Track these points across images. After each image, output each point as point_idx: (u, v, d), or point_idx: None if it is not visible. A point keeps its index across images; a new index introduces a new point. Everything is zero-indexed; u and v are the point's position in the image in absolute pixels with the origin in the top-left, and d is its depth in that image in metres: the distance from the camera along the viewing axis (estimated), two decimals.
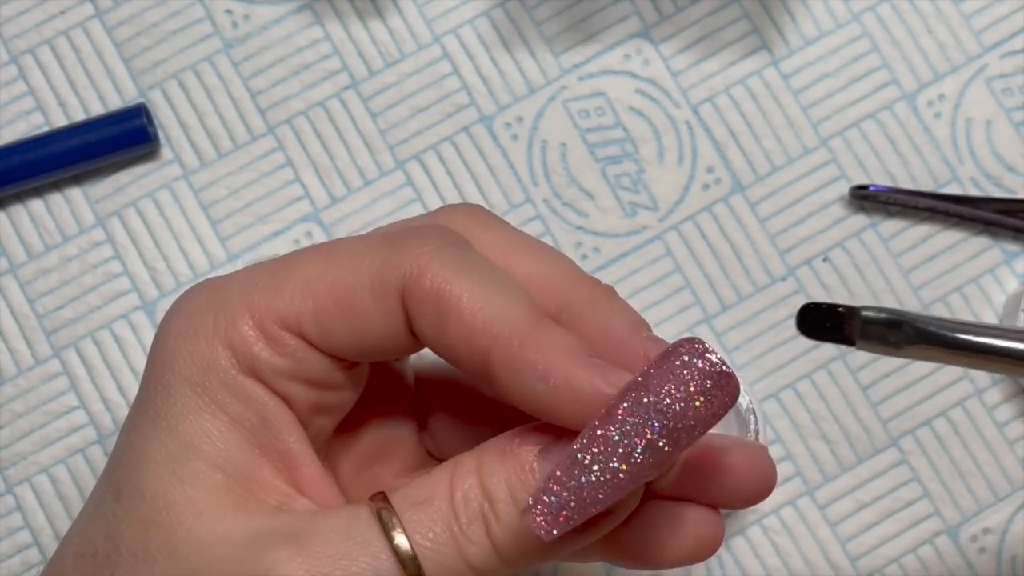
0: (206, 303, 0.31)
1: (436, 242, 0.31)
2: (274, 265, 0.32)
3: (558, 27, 0.49)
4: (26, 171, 0.47)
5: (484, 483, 0.30)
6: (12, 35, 0.49)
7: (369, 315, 0.31)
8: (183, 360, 0.31)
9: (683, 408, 0.28)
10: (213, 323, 0.31)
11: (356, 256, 0.31)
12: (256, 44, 0.49)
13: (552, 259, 0.33)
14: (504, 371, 0.29)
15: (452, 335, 0.30)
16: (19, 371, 0.47)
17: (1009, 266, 0.48)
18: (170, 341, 0.31)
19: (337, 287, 0.30)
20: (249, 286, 0.31)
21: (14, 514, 0.46)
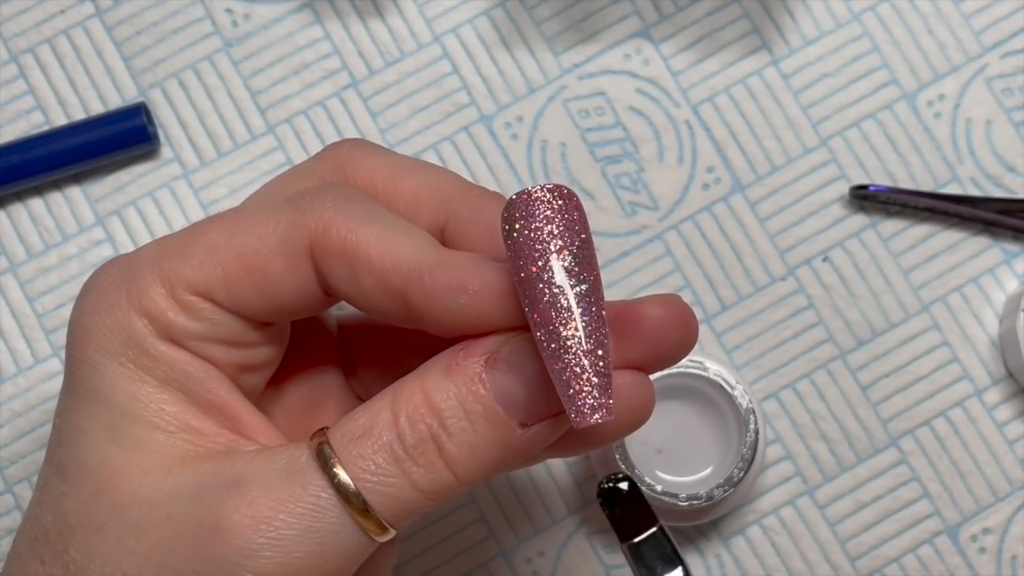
0: (117, 277, 0.32)
1: (336, 198, 0.31)
2: (181, 234, 0.32)
3: (558, 26, 0.49)
4: (26, 170, 0.47)
5: (432, 401, 0.29)
6: (12, 34, 0.49)
7: (279, 276, 0.31)
8: (103, 334, 0.31)
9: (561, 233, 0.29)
10: (127, 295, 0.31)
11: (261, 220, 0.31)
12: (256, 43, 0.49)
13: (436, 174, 0.34)
14: (423, 300, 0.30)
15: (366, 282, 0.31)
16: (18, 370, 0.47)
17: (1009, 266, 0.48)
18: (85, 318, 0.31)
19: (245, 251, 0.31)
20: (157, 256, 0.32)
21: (13, 513, 0.46)
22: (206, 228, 0.32)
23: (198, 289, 0.31)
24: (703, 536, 0.46)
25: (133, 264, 0.32)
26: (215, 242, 0.31)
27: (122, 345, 0.31)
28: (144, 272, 0.31)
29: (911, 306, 0.47)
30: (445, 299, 0.30)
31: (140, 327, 0.31)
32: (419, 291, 0.30)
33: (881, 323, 0.47)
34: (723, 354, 0.47)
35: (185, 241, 0.32)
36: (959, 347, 0.47)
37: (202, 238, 0.32)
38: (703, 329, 0.47)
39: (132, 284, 0.31)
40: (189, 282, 0.31)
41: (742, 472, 0.43)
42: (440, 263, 0.30)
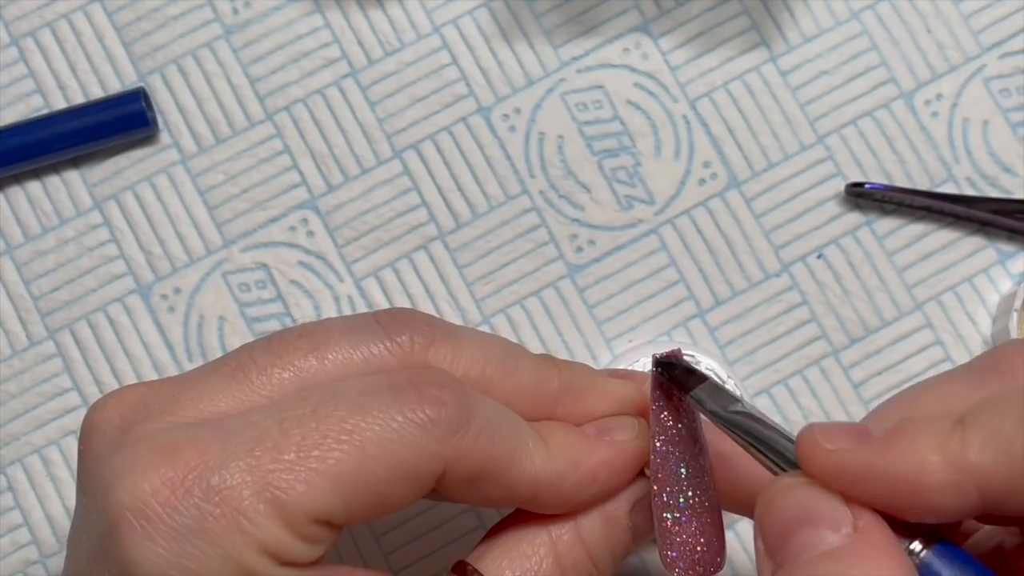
0: (214, 511, 0.29)
1: (458, 414, 0.31)
2: (286, 455, 0.29)
3: (558, 19, 0.49)
4: (24, 153, 0.48)
5: (591, 551, 0.34)
6: (13, 17, 0.49)
7: (403, 497, 0.31)
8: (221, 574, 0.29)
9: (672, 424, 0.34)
10: (241, 536, 0.28)
11: (389, 449, 0.30)
12: (256, 31, 0.49)
13: (525, 364, 0.35)
14: (559, 503, 0.33)
15: (494, 494, 0.32)
16: (13, 352, 0.47)
17: (1003, 266, 0.48)
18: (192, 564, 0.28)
19: (376, 485, 0.30)
20: (267, 485, 0.29)
21: (5, 494, 0.46)
22: (323, 451, 0.29)
23: (319, 518, 0.30)
24: None
25: (231, 490, 0.29)
26: (340, 475, 0.29)
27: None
28: (256, 506, 0.29)
29: (905, 304, 0.47)
30: (579, 495, 0.33)
31: (259, 563, 0.29)
32: (552, 494, 0.33)
33: (875, 321, 0.47)
34: (716, 349, 0.47)
35: (300, 466, 0.29)
36: (952, 346, 0.47)
37: (323, 467, 0.29)
38: (697, 323, 0.47)
39: (244, 521, 0.29)
40: (312, 515, 0.29)
41: None
42: (563, 463, 0.33)
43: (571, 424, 0.34)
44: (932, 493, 0.27)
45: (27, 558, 0.46)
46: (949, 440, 0.27)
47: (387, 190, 0.48)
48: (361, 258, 0.48)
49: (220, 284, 0.48)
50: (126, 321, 0.47)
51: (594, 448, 0.33)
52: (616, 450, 0.34)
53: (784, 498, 0.28)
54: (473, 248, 0.48)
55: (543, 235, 0.48)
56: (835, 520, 0.27)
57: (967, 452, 0.27)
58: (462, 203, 0.48)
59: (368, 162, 0.48)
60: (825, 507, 0.28)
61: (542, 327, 0.47)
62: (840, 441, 0.28)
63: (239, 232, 0.48)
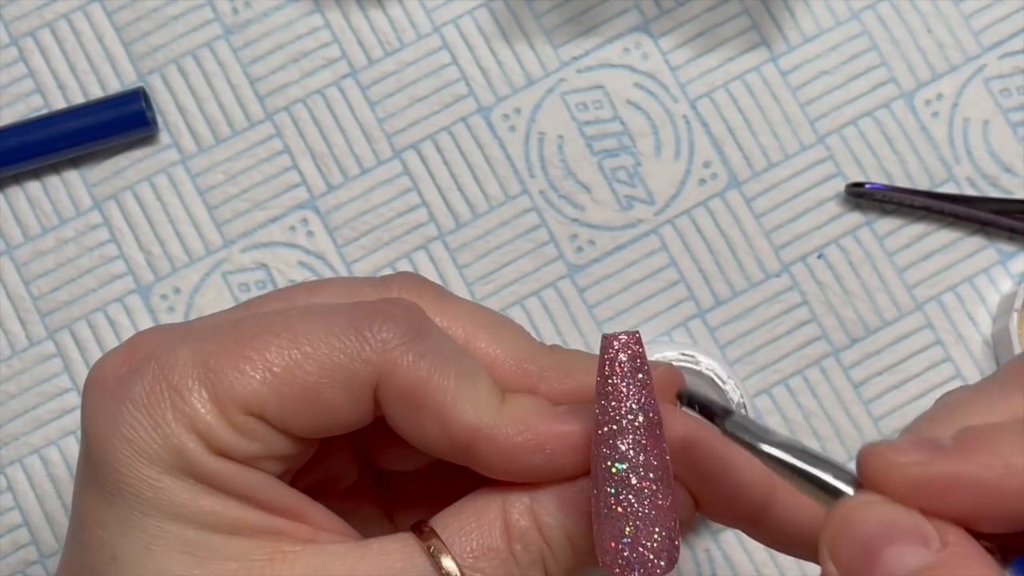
0: (156, 386, 0.30)
1: (405, 331, 0.31)
2: (227, 341, 0.30)
3: (558, 19, 0.49)
4: (24, 153, 0.48)
5: (543, 529, 0.31)
6: (13, 17, 0.49)
7: (338, 406, 0.30)
8: (152, 450, 0.29)
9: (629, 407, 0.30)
10: (172, 411, 0.29)
11: (324, 346, 0.30)
12: (256, 31, 0.49)
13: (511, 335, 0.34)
14: (494, 458, 0.31)
15: (429, 428, 0.31)
16: (13, 352, 0.47)
17: (1004, 266, 0.48)
18: (127, 431, 0.30)
19: (306, 380, 0.30)
20: (203, 365, 0.30)
21: (5, 494, 0.46)
22: (261, 341, 0.30)
23: (251, 410, 0.30)
24: (692, 530, 0.46)
25: (172, 368, 0.30)
26: (272, 364, 0.30)
27: (175, 461, 0.29)
28: (190, 385, 0.30)
29: (905, 304, 0.47)
30: (519, 458, 0.31)
31: (192, 446, 0.29)
32: (488, 447, 0.31)
33: (875, 321, 0.47)
34: (716, 349, 0.47)
35: (235, 351, 0.30)
36: (952, 346, 0.47)
37: (257, 354, 0.30)
38: (697, 323, 0.47)
39: (178, 399, 0.29)
40: (242, 402, 0.30)
41: None
42: (511, 421, 0.31)
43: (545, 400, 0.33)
44: (1020, 498, 0.26)
45: (27, 558, 0.46)
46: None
47: (387, 190, 0.48)
48: (361, 258, 0.48)
49: (220, 284, 0.48)
50: (126, 321, 0.47)
51: (552, 421, 0.31)
52: (577, 429, 0.31)
53: (863, 517, 0.26)
54: (473, 248, 0.48)
55: (543, 235, 0.48)
56: (924, 535, 0.26)
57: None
58: (462, 203, 0.48)
59: (368, 162, 0.48)
60: (911, 523, 0.26)
61: (542, 327, 0.47)
62: (913, 455, 0.27)
63: (239, 232, 0.48)
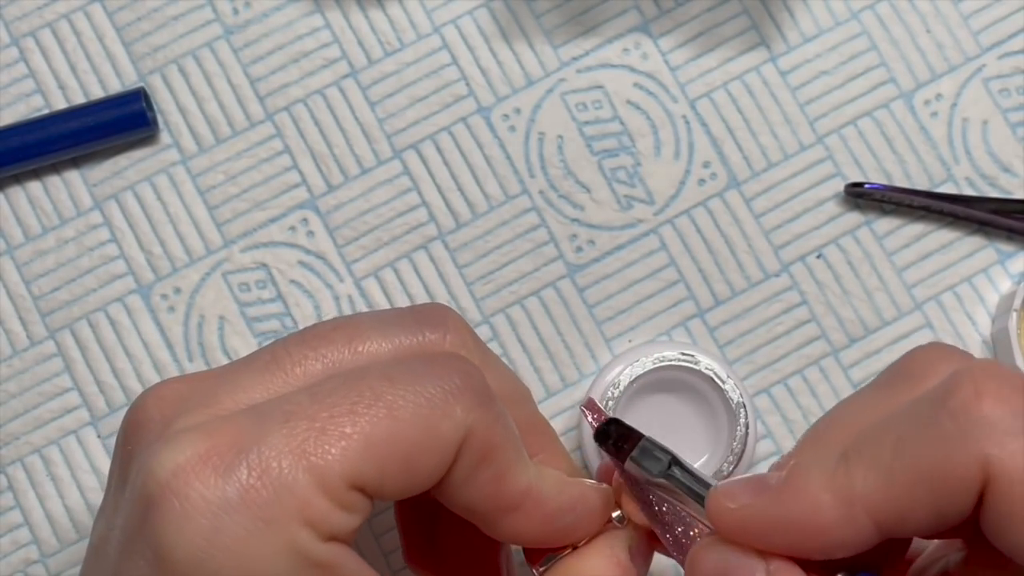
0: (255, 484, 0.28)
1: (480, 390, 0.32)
2: (319, 420, 0.30)
3: (557, 19, 0.49)
4: (25, 153, 0.48)
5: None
6: (14, 17, 0.49)
7: (432, 466, 0.31)
8: (267, 560, 0.28)
9: None
10: (282, 508, 0.28)
11: (418, 412, 0.30)
12: (256, 31, 0.49)
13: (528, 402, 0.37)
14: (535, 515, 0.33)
15: (487, 489, 0.32)
16: (14, 351, 0.47)
17: (1003, 266, 0.48)
18: (238, 545, 0.28)
19: (404, 449, 0.30)
20: (303, 454, 0.29)
21: (5, 494, 0.46)
22: (356, 416, 0.30)
23: (355, 484, 0.29)
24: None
25: (269, 462, 0.29)
26: (372, 437, 0.30)
27: (290, 557, 0.29)
28: (295, 475, 0.29)
29: (904, 304, 0.47)
30: (556, 519, 0.33)
31: (304, 537, 0.29)
32: (535, 507, 0.33)
33: (874, 321, 0.47)
34: (716, 349, 0.47)
35: (333, 432, 0.29)
36: None
37: (356, 431, 0.30)
38: (697, 323, 0.47)
39: (284, 492, 0.28)
40: (347, 478, 0.29)
41: (731, 466, 0.43)
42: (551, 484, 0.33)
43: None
44: (830, 532, 0.28)
45: (27, 558, 0.46)
46: (836, 476, 0.29)
47: (387, 190, 0.48)
48: (361, 258, 0.48)
49: (220, 284, 0.48)
50: (126, 321, 0.47)
51: (572, 482, 0.34)
52: (590, 490, 0.35)
53: (702, 559, 0.31)
54: (473, 248, 0.48)
55: (543, 235, 0.48)
56: (749, 570, 0.30)
57: (852, 484, 0.28)
58: (462, 203, 0.48)
59: (368, 162, 0.49)
60: (738, 562, 0.30)
61: (542, 327, 0.47)
62: (741, 497, 0.30)
63: (239, 232, 0.48)
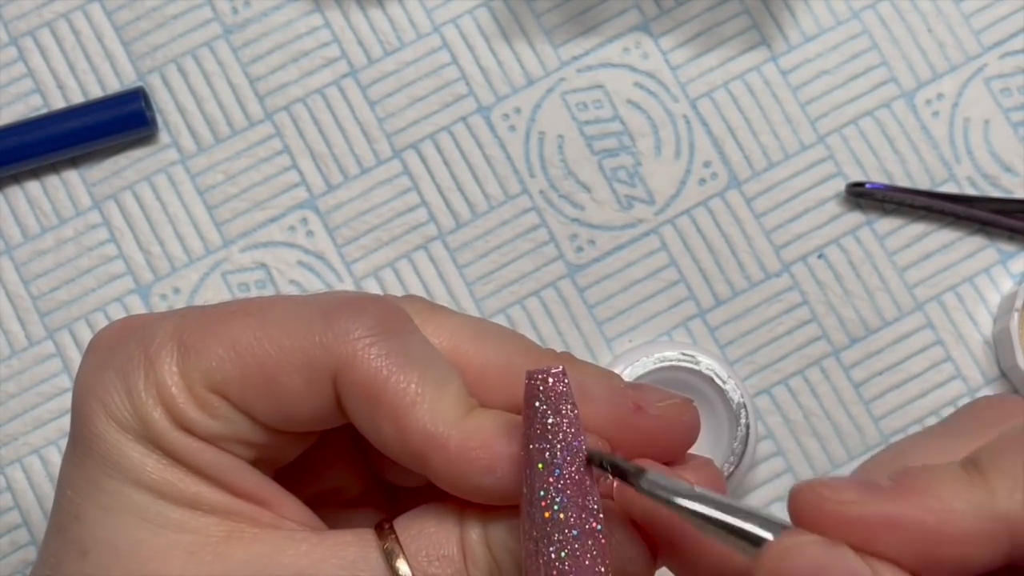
0: (136, 352, 0.30)
1: (372, 326, 0.29)
2: (203, 318, 0.30)
3: (558, 19, 0.49)
4: (23, 152, 0.48)
5: (495, 556, 0.30)
6: (12, 16, 0.49)
7: (297, 393, 0.29)
8: (123, 415, 0.29)
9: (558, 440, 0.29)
10: (144, 378, 0.29)
11: (288, 329, 0.29)
12: (256, 30, 0.49)
13: (503, 343, 0.32)
14: (444, 469, 0.29)
15: (385, 429, 0.29)
16: (12, 352, 0.47)
17: (1004, 266, 0.48)
18: (102, 392, 0.30)
19: (265, 360, 0.29)
20: (178, 338, 0.30)
21: (4, 494, 0.46)
22: (231, 318, 0.30)
23: (214, 386, 0.29)
24: None
25: (152, 339, 0.30)
26: (237, 340, 0.29)
27: (143, 430, 0.29)
28: (163, 355, 0.30)
29: (905, 304, 0.47)
30: (467, 475, 0.29)
31: (158, 417, 0.29)
32: (441, 459, 0.29)
33: (875, 321, 0.47)
34: (716, 349, 0.47)
35: (207, 327, 0.30)
36: (953, 346, 0.47)
37: (225, 330, 0.30)
38: (697, 323, 0.47)
39: (150, 367, 0.29)
40: (205, 376, 0.29)
41: (732, 467, 0.43)
42: (468, 434, 0.29)
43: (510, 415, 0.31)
44: (965, 543, 0.26)
45: (27, 558, 0.46)
46: (971, 487, 0.26)
47: (387, 190, 0.48)
48: (361, 258, 0.48)
49: (219, 284, 0.48)
50: None
51: (509, 440, 0.29)
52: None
53: (797, 557, 0.26)
54: (473, 248, 0.48)
55: (543, 235, 0.48)
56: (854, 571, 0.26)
57: (995, 499, 0.26)
58: (462, 203, 0.48)
59: (368, 162, 0.48)
60: (845, 562, 0.26)
61: (542, 327, 0.47)
62: (847, 493, 0.26)
63: (238, 232, 0.48)
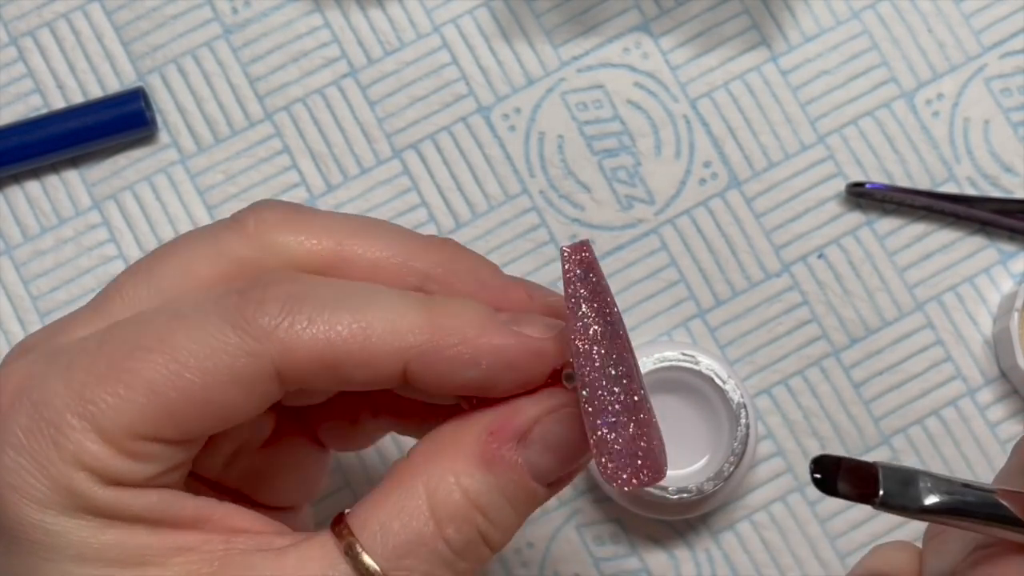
0: (32, 425, 0.28)
1: (280, 308, 0.28)
2: (96, 368, 0.28)
3: (558, 19, 0.49)
4: (23, 153, 0.48)
5: (477, 503, 0.29)
6: (12, 17, 0.49)
7: (234, 402, 0.28)
8: (40, 492, 0.27)
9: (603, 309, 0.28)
10: (56, 449, 0.27)
11: (201, 351, 0.28)
12: (255, 30, 0.49)
13: (386, 233, 0.31)
14: (427, 376, 0.29)
15: (358, 377, 0.28)
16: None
17: (1004, 266, 0.48)
18: (10, 476, 0.27)
19: (192, 390, 0.28)
20: (79, 398, 0.28)
21: None
22: (133, 362, 0.28)
23: (143, 434, 0.28)
24: (692, 530, 0.46)
25: (47, 406, 0.28)
26: (152, 381, 0.27)
27: (68, 501, 0.27)
28: (69, 419, 0.27)
29: (905, 304, 0.47)
30: (452, 373, 0.29)
31: (82, 481, 0.27)
32: (419, 367, 0.28)
33: (875, 321, 0.47)
34: (716, 349, 0.47)
35: (108, 378, 0.28)
36: (953, 346, 0.47)
37: (133, 377, 0.27)
38: (697, 323, 0.47)
39: (58, 435, 0.27)
40: (131, 429, 0.27)
41: (732, 467, 0.43)
42: (439, 331, 0.28)
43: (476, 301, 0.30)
44: None
45: None
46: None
47: (386, 190, 0.48)
48: None
49: None
50: None
51: (490, 329, 0.28)
52: (517, 341, 0.29)
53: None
54: (473, 248, 0.48)
55: (543, 235, 0.48)
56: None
57: None
58: (462, 203, 0.48)
59: (367, 162, 0.48)
60: None
61: None
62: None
63: None
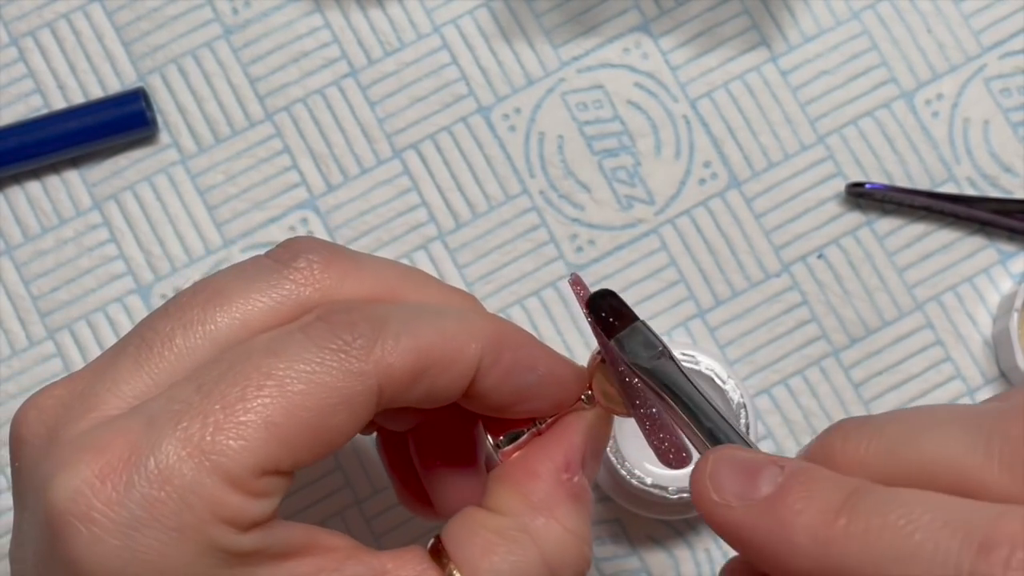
0: (168, 498, 0.27)
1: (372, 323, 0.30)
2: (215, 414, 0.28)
3: (558, 19, 0.49)
4: (24, 153, 0.48)
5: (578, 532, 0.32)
6: (13, 17, 0.49)
7: (343, 427, 0.30)
8: (183, 560, 0.28)
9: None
10: (193, 515, 0.27)
11: (312, 380, 0.29)
12: (256, 31, 0.49)
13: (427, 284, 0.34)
14: (494, 374, 0.32)
15: (439, 382, 0.31)
16: (13, 352, 0.47)
17: (1004, 266, 0.48)
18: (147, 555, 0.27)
19: (308, 420, 0.29)
20: (203, 453, 0.28)
21: (4, 494, 0.46)
22: (246, 403, 0.28)
23: (266, 470, 0.28)
24: (692, 530, 0.46)
25: (172, 471, 0.27)
26: (271, 417, 0.28)
27: (215, 559, 0.28)
28: (202, 480, 0.28)
29: (905, 304, 0.47)
30: (515, 377, 0.32)
31: (223, 535, 0.28)
32: (491, 368, 0.32)
33: (875, 321, 0.47)
34: (716, 349, 0.47)
35: (225, 424, 0.28)
36: (952, 346, 0.47)
37: (251, 417, 0.28)
38: (697, 323, 0.47)
39: (195, 499, 0.27)
40: (256, 468, 0.28)
41: None
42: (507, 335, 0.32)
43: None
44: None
45: None
46: (832, 527, 0.25)
47: (387, 190, 0.48)
48: None
49: None
50: (125, 321, 0.47)
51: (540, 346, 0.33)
52: (558, 358, 0.34)
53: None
54: (473, 248, 0.48)
55: (543, 235, 0.48)
56: None
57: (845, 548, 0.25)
58: (462, 203, 0.48)
59: (368, 162, 0.48)
60: None
61: (542, 327, 0.47)
62: (726, 492, 0.27)
63: (239, 232, 0.48)
